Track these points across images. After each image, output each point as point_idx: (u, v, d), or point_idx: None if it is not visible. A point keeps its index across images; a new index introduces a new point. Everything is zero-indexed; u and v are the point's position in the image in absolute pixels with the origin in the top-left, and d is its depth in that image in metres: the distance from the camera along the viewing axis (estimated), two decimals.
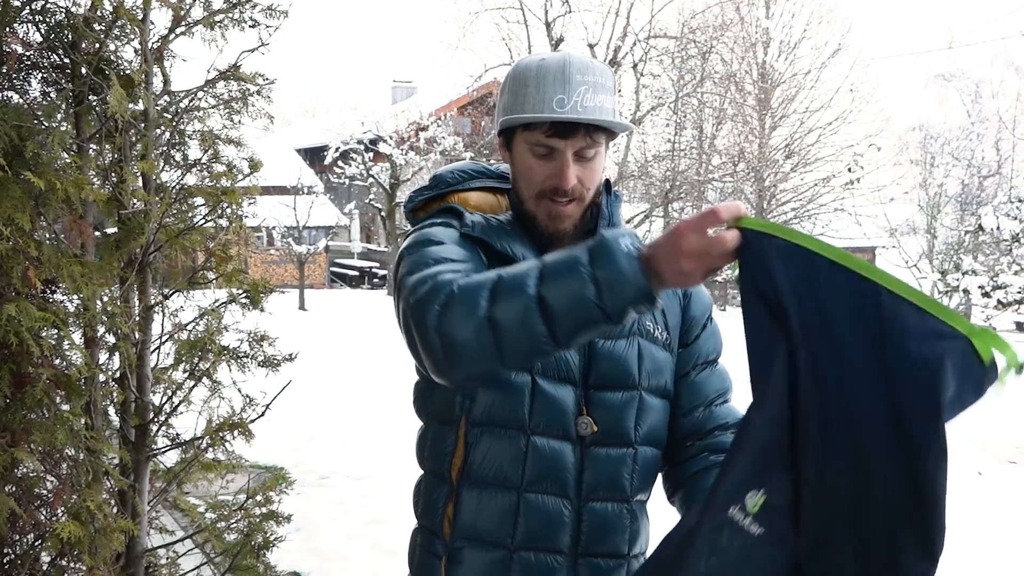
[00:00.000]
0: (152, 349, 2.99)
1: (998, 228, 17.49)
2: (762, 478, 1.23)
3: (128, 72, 2.82)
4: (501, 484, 1.58)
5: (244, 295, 3.05)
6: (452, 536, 1.60)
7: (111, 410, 2.93)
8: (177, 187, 3.00)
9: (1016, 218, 16.88)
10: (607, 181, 1.69)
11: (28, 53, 2.72)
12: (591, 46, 23.02)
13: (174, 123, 2.99)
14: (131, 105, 2.75)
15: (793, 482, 1.23)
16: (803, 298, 1.18)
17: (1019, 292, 18.23)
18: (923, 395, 1.11)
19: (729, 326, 2.01)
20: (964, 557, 4.86)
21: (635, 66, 23.44)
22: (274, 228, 24.30)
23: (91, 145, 2.80)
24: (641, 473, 1.64)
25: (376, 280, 32.10)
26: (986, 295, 19.44)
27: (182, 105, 3.01)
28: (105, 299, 2.78)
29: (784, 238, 1.20)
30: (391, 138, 24.61)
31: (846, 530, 1.21)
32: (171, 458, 3.26)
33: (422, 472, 1.72)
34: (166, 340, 3.05)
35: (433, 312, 1.33)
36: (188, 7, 2.92)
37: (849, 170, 28.12)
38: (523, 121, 1.54)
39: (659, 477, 1.74)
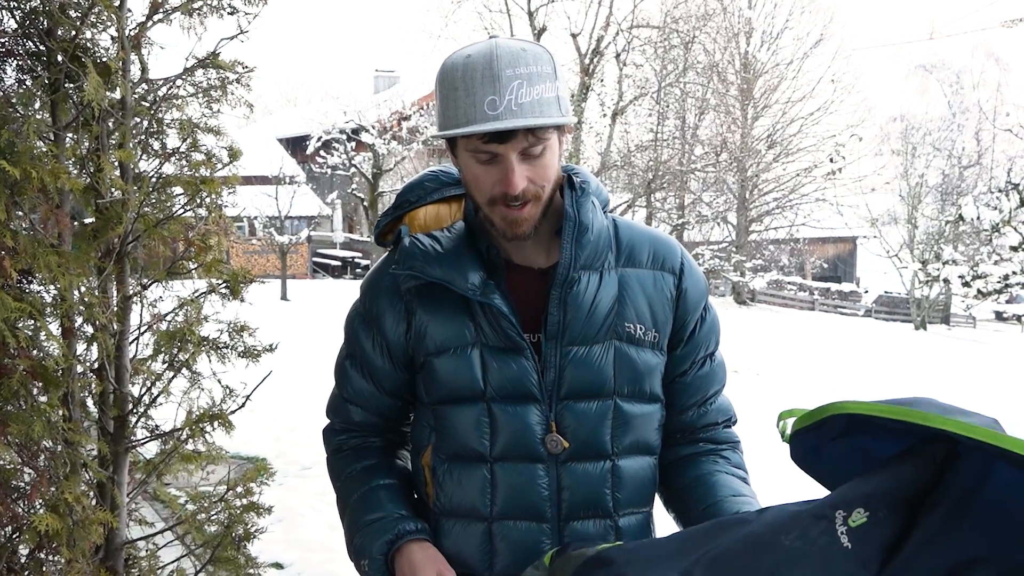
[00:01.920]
0: (131, 340, 2.96)
1: (978, 218, 17.62)
2: (873, 503, 1.24)
3: (105, 60, 2.78)
4: (471, 516, 1.57)
5: (224, 285, 3.02)
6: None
7: (89, 401, 2.91)
8: (155, 176, 2.97)
9: (996, 208, 16.98)
10: (569, 176, 1.58)
11: (3, 40, 2.68)
12: (574, 36, 23.00)
13: (152, 111, 2.95)
14: (108, 93, 2.72)
15: (904, 525, 1.24)
16: None
17: (999, 282, 18.38)
18: None
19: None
20: None
21: (618, 56, 23.45)
22: (256, 218, 24.14)
23: (68, 134, 2.76)
24: (628, 487, 1.58)
25: (359, 270, 32.02)
26: (966, 284, 19.59)
27: (160, 93, 2.98)
28: (82, 289, 2.75)
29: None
30: (373, 128, 24.44)
31: None
32: (151, 449, 3.24)
33: None
34: (145, 331, 3.02)
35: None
36: None
37: (831, 160, 28.33)
38: (456, 135, 1.43)
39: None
